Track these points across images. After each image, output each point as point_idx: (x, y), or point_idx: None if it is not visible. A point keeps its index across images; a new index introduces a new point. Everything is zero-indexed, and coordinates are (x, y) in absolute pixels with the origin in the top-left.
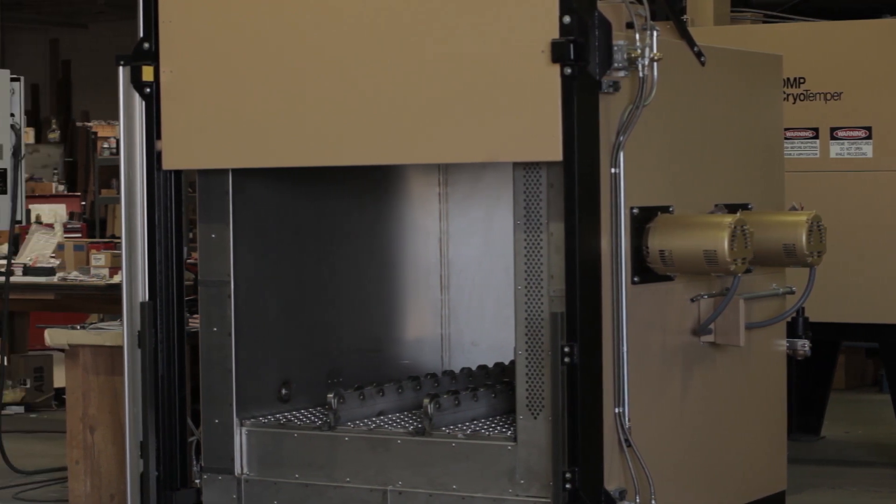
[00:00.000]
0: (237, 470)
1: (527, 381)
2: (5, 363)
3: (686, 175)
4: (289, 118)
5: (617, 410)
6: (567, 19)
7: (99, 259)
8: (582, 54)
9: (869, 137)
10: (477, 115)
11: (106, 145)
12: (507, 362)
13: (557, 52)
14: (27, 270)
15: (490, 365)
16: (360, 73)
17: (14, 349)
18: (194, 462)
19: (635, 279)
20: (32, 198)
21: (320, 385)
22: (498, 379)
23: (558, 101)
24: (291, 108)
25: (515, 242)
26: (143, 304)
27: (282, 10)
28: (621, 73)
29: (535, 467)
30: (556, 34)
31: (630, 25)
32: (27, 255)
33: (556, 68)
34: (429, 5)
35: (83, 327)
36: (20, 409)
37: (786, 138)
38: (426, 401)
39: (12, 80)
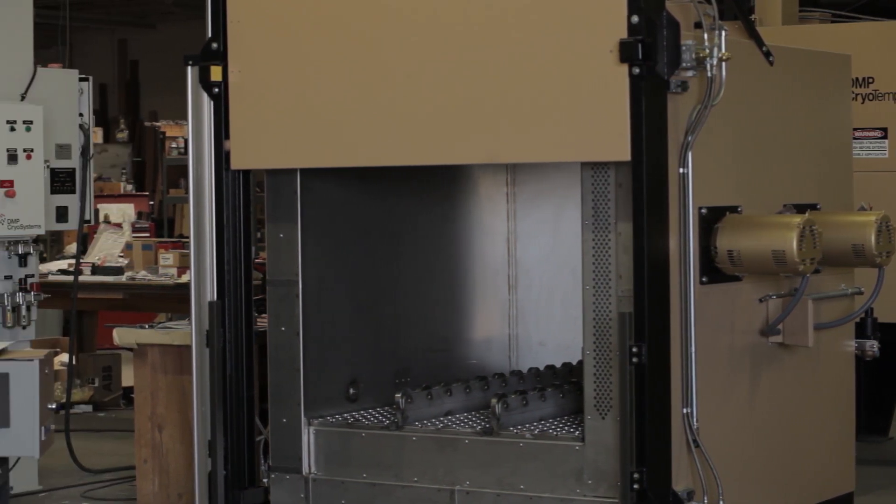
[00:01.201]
0: (305, 469)
1: (595, 382)
2: (74, 362)
3: (754, 175)
4: (357, 118)
5: (685, 411)
6: (635, 19)
7: (167, 258)
8: (650, 54)
9: None
10: (545, 115)
11: (174, 145)
12: (574, 362)
13: (626, 52)
14: (96, 270)
15: (558, 365)
16: (428, 73)
17: (82, 348)
18: (262, 461)
19: (703, 279)
20: (101, 197)
21: (388, 385)
22: (566, 379)
23: (626, 100)
24: (360, 107)
25: (583, 242)
26: (211, 304)
27: (350, 10)
28: (689, 73)
29: (602, 467)
30: (624, 34)
31: (698, 25)
32: (95, 255)
33: (625, 68)
34: (497, 5)
35: (151, 326)
36: (88, 408)
37: (854, 138)
38: (494, 401)
39: (81, 79)
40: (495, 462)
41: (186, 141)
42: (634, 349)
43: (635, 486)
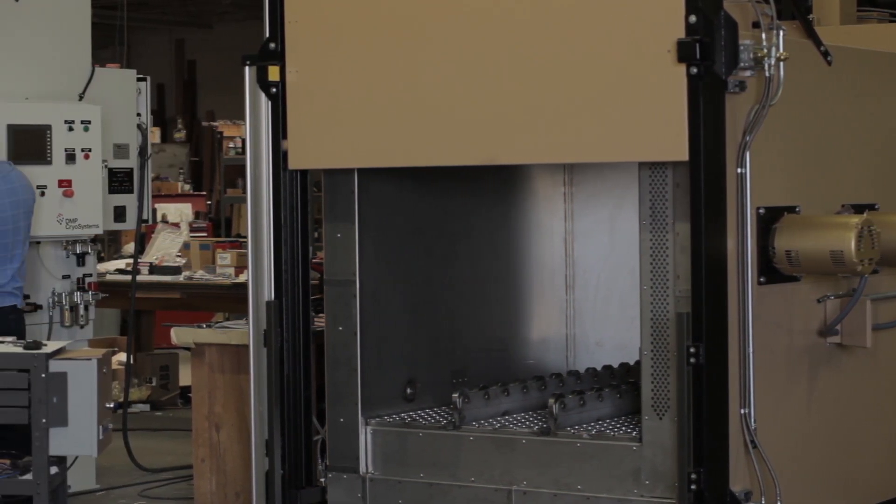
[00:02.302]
0: (362, 469)
1: (652, 382)
2: (132, 362)
3: (812, 175)
4: (414, 118)
5: (743, 411)
6: (693, 19)
7: (224, 258)
8: (708, 54)
9: None
10: (603, 115)
11: (231, 145)
12: (632, 362)
13: (683, 52)
14: (153, 269)
15: (615, 365)
16: (486, 73)
17: (140, 348)
18: (319, 461)
19: (761, 279)
20: (158, 197)
21: (445, 384)
22: (623, 379)
23: (684, 100)
24: (417, 107)
25: (641, 242)
26: (269, 303)
27: (407, 10)
28: (747, 73)
29: (660, 468)
30: (681, 34)
31: (756, 25)
32: (153, 255)
33: (682, 68)
34: (555, 6)
35: (209, 326)
36: (146, 407)
37: None
38: (551, 401)
39: (138, 79)
40: (552, 462)
41: (244, 141)
42: (692, 349)
43: (692, 487)
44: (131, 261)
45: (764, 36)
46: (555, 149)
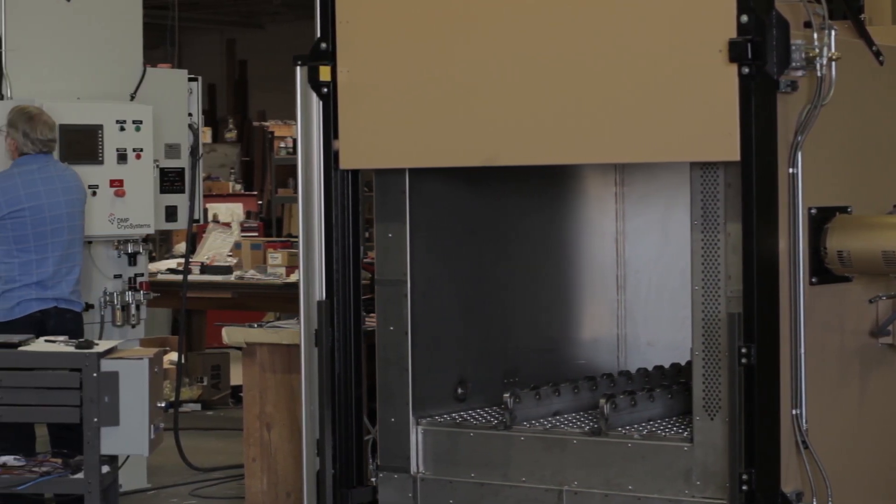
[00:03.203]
0: (413, 469)
1: (704, 382)
2: (183, 361)
3: (864, 175)
4: (466, 117)
5: (794, 412)
6: (745, 18)
7: (275, 258)
8: (760, 53)
9: None
10: (654, 115)
11: (283, 145)
12: (683, 363)
13: (735, 52)
14: (204, 269)
15: (666, 365)
16: (536, 73)
17: (191, 347)
18: (370, 460)
19: (813, 280)
20: (210, 197)
21: (496, 384)
22: (674, 379)
23: (736, 100)
24: (468, 107)
25: (692, 242)
26: (320, 303)
27: (459, 9)
28: (799, 73)
29: (711, 468)
30: (733, 33)
31: (808, 24)
32: (205, 254)
33: (734, 68)
34: (607, 5)
35: (260, 325)
36: (197, 406)
37: None
38: (602, 401)
39: (190, 79)
40: (603, 462)
41: (295, 140)
42: (744, 350)
43: (744, 488)
44: (182, 260)
45: (815, 35)
46: (606, 149)
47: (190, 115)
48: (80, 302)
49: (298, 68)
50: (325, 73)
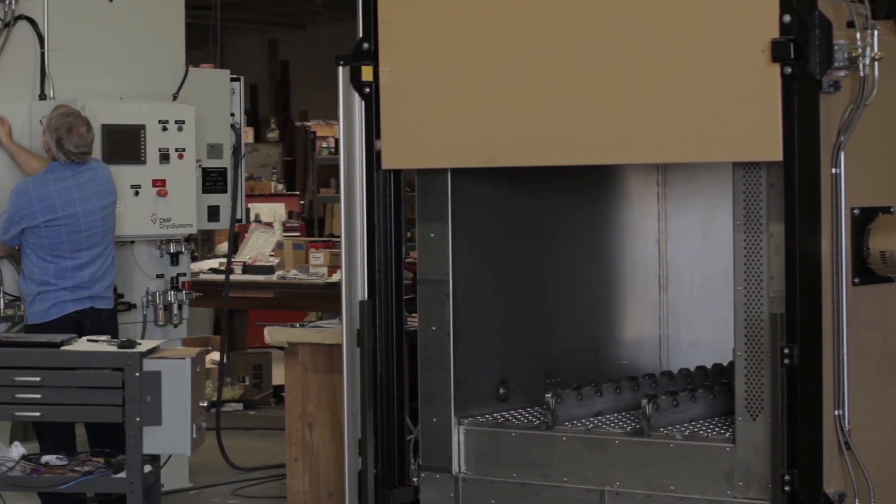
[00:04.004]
0: (455, 469)
1: (746, 383)
2: (225, 361)
3: None
4: (508, 118)
5: (837, 413)
6: (787, 18)
7: (318, 258)
8: (802, 53)
9: None
10: (697, 115)
11: (325, 144)
12: (725, 363)
13: (778, 52)
14: (247, 269)
15: (708, 366)
16: (578, 73)
17: (233, 347)
18: (412, 460)
19: (856, 280)
20: (252, 197)
21: (538, 384)
22: (716, 380)
23: (779, 100)
24: (510, 107)
25: (735, 243)
26: (362, 303)
27: (501, 10)
28: (842, 73)
29: (753, 469)
30: (776, 33)
31: (850, 24)
32: (247, 254)
33: (777, 68)
34: (649, 5)
35: (302, 325)
36: (239, 406)
37: None
38: (644, 401)
39: (232, 80)
40: (645, 463)
41: (337, 140)
42: (786, 350)
43: (786, 489)
44: (225, 260)
45: (858, 35)
46: (649, 149)
47: (232, 115)
48: (112, 298)
49: (340, 68)
50: (367, 73)
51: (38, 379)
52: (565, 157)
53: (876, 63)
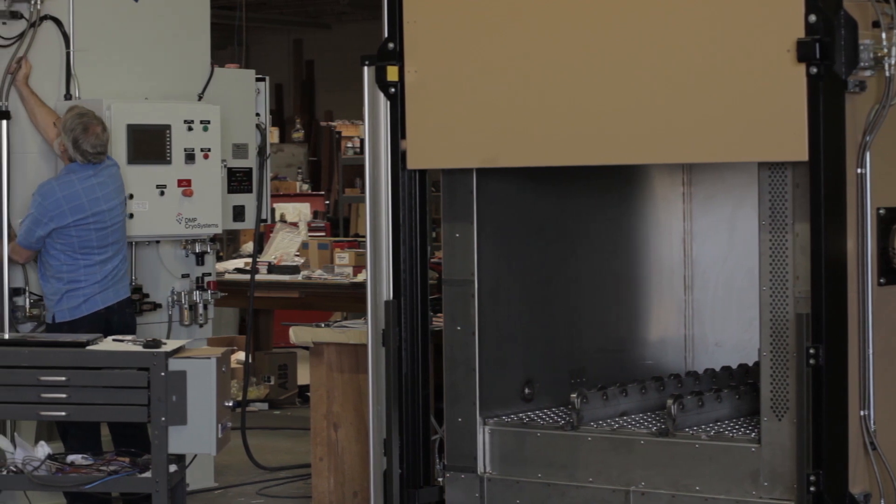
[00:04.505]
0: (480, 468)
1: (771, 383)
2: (250, 360)
3: None
4: (533, 117)
5: (862, 413)
6: (813, 18)
7: (343, 258)
8: (828, 53)
9: None
10: (723, 115)
11: (350, 145)
12: (750, 363)
13: (803, 52)
14: (272, 269)
15: (733, 366)
16: (605, 74)
17: (259, 347)
18: (437, 460)
19: (881, 280)
20: (277, 196)
21: (563, 385)
22: (741, 380)
23: (804, 100)
24: (535, 107)
25: (760, 243)
26: (387, 303)
27: (525, 9)
28: (867, 73)
29: (779, 469)
30: (801, 33)
31: (876, 24)
32: (272, 254)
33: (802, 68)
34: (674, 6)
35: (327, 325)
36: (264, 405)
37: None
38: (669, 401)
39: (257, 79)
40: (671, 463)
41: (362, 140)
42: (811, 350)
43: (811, 489)
44: (250, 260)
45: (884, 35)
46: (674, 149)
47: (257, 114)
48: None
49: (366, 68)
50: (392, 73)
51: (63, 378)
52: (591, 156)
53: None
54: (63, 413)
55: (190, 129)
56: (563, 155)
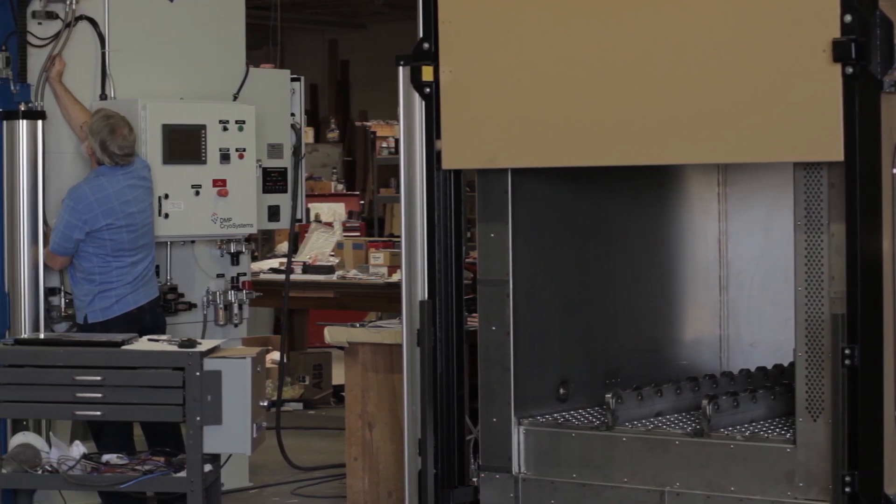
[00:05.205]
0: (514, 469)
1: (806, 384)
2: (285, 360)
3: None
4: (568, 118)
5: None
6: (848, 18)
7: (377, 258)
8: (863, 53)
9: None
10: (757, 115)
11: (384, 145)
12: (786, 364)
13: (839, 52)
14: (307, 268)
15: (769, 366)
16: (639, 73)
17: (293, 346)
18: (472, 460)
19: None
20: (312, 197)
21: (598, 385)
22: (777, 381)
23: (840, 100)
24: (571, 107)
25: (796, 243)
26: (422, 303)
27: (561, 10)
28: None
29: (814, 470)
30: (837, 33)
31: None
32: (307, 254)
33: (838, 68)
34: (710, 7)
35: (362, 325)
36: (299, 405)
37: None
38: (704, 402)
39: (292, 80)
40: (705, 463)
41: (397, 140)
42: (847, 351)
43: (847, 490)
44: (285, 260)
45: None
46: (710, 149)
47: (292, 114)
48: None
49: (401, 68)
50: (427, 73)
51: (98, 378)
52: (626, 157)
53: None
54: (98, 412)
55: (225, 129)
56: (599, 155)
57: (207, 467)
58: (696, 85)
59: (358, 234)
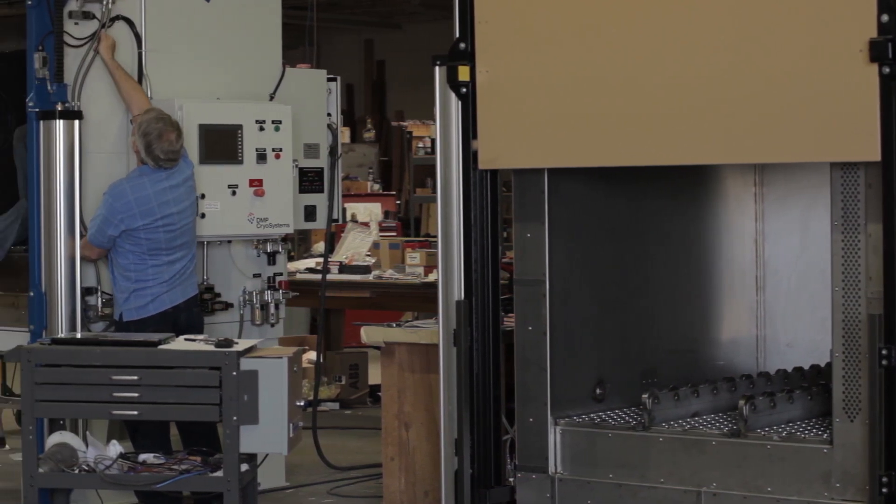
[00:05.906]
0: (551, 469)
1: (843, 384)
2: (321, 360)
3: None
4: (605, 118)
5: None
6: (885, 18)
7: (414, 257)
8: None
9: None
10: (794, 115)
11: (421, 145)
12: (822, 364)
13: (876, 52)
14: (343, 268)
15: (806, 367)
16: (676, 74)
17: (330, 346)
18: (508, 460)
19: None
20: (348, 196)
21: (635, 385)
22: (813, 381)
23: (877, 100)
24: (608, 107)
25: (833, 243)
26: (458, 303)
27: (598, 10)
28: None
29: (851, 471)
30: (874, 33)
31: None
32: (343, 254)
33: (874, 68)
34: (746, 8)
35: (398, 325)
36: (335, 405)
37: None
38: (741, 402)
39: (329, 80)
40: (742, 464)
41: (433, 140)
42: (884, 351)
43: (884, 490)
44: (321, 260)
45: None
46: (747, 149)
47: (329, 114)
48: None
49: (437, 68)
50: (463, 73)
51: (135, 378)
52: (663, 157)
53: None
54: (135, 412)
55: (261, 128)
56: (636, 155)
57: (244, 467)
58: (732, 86)
59: (394, 233)
